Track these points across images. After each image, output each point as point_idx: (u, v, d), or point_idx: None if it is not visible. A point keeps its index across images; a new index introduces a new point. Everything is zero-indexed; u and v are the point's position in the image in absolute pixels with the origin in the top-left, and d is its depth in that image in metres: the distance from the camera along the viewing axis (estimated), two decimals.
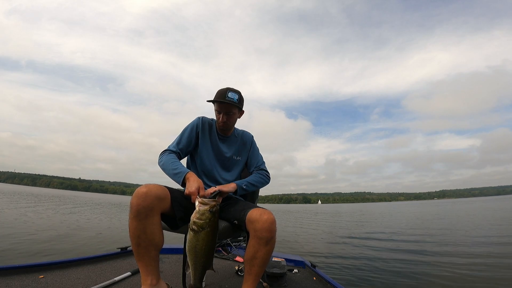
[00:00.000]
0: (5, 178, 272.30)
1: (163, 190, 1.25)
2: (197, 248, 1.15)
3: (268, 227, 1.22)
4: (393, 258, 4.67)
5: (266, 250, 1.25)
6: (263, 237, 1.23)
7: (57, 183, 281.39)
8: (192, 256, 1.18)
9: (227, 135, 1.75)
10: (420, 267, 3.97)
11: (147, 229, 1.18)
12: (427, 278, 3.44)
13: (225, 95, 1.56)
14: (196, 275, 1.20)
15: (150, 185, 1.22)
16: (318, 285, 1.95)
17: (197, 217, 1.15)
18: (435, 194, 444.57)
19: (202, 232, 1.15)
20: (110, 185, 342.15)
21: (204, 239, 1.16)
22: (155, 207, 1.19)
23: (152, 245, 1.22)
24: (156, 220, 1.21)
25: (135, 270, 1.95)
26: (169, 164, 1.45)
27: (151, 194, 1.18)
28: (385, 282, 3.36)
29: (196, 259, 1.17)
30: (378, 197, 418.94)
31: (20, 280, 1.57)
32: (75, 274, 1.81)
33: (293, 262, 2.54)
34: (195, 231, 1.15)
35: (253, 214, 1.27)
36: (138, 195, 1.17)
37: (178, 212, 1.30)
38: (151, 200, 1.18)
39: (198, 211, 1.16)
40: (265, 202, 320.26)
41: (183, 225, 1.34)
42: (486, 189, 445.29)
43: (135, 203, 1.16)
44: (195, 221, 1.15)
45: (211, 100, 1.59)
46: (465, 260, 4.33)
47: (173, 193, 1.29)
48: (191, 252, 1.17)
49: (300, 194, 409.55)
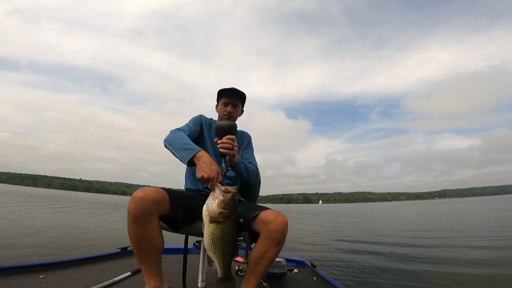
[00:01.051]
0: (6, 179, 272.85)
1: (161, 193, 1.21)
2: (223, 238, 1.13)
3: (282, 228, 1.25)
4: (394, 258, 4.66)
5: (276, 251, 1.27)
6: (276, 238, 1.25)
7: (57, 183, 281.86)
8: (219, 248, 1.14)
9: None
10: (421, 267, 3.96)
11: (147, 233, 1.17)
12: (428, 279, 3.43)
13: (234, 89, 1.67)
14: (225, 265, 1.18)
15: (147, 189, 1.19)
16: (318, 285, 1.95)
17: (222, 207, 1.11)
18: (436, 194, 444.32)
19: (227, 221, 1.13)
20: (111, 185, 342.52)
21: (231, 227, 1.14)
22: (153, 211, 1.17)
23: (153, 248, 1.21)
24: (155, 224, 1.20)
25: (135, 270, 1.96)
26: (180, 139, 1.36)
27: (148, 198, 1.16)
28: (385, 282, 3.35)
29: (224, 249, 1.15)
30: (378, 197, 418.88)
31: (20, 280, 1.57)
32: (75, 274, 1.81)
33: (293, 262, 2.54)
34: (220, 222, 1.12)
35: (268, 216, 1.28)
36: (135, 200, 1.15)
37: (179, 214, 1.28)
38: (148, 204, 1.15)
39: (222, 200, 1.12)
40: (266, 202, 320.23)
41: (185, 226, 1.34)
42: (486, 188, 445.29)
43: (132, 208, 1.14)
44: (221, 211, 1.11)
45: (223, 89, 1.68)
46: (466, 261, 4.31)
47: (171, 195, 1.26)
48: (218, 243, 1.13)
49: (301, 194, 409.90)
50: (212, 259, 1.17)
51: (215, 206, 1.12)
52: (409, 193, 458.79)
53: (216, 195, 1.14)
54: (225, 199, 1.12)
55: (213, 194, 1.15)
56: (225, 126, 1.35)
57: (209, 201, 1.15)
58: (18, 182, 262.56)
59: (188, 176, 1.69)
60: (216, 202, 1.12)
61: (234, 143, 1.35)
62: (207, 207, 1.14)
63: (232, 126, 1.36)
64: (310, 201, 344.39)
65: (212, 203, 1.13)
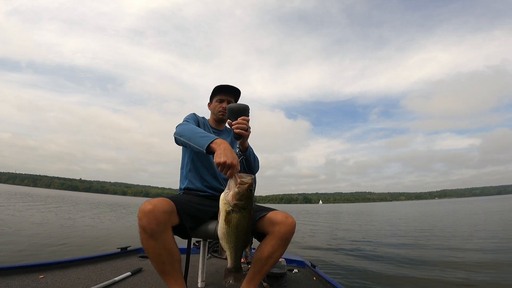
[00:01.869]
0: (6, 179, 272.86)
1: (168, 202, 1.20)
2: (238, 228, 1.12)
3: (291, 230, 1.29)
4: (394, 258, 4.66)
5: (283, 251, 1.31)
6: (285, 239, 1.28)
7: (57, 183, 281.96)
8: (232, 238, 1.13)
9: (220, 128, 1.78)
10: (422, 268, 3.96)
11: (166, 245, 1.16)
12: (428, 279, 3.43)
13: (231, 86, 1.67)
14: (237, 256, 1.18)
15: (154, 201, 1.17)
16: (318, 285, 1.95)
17: (237, 198, 1.09)
18: (436, 194, 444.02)
19: (243, 212, 1.11)
20: (111, 185, 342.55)
21: (246, 218, 1.12)
22: (166, 222, 1.17)
23: (176, 259, 1.21)
24: (171, 234, 1.20)
25: (135, 270, 1.96)
26: (193, 129, 1.34)
27: (159, 210, 1.14)
28: (385, 282, 3.35)
29: (237, 240, 1.13)
30: (379, 197, 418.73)
31: (20, 280, 1.57)
32: (75, 274, 1.81)
33: (293, 262, 2.54)
34: (236, 212, 1.10)
35: (277, 217, 1.31)
36: (146, 213, 1.12)
37: (188, 223, 1.29)
38: (161, 215, 1.14)
39: (238, 192, 1.09)
40: (266, 202, 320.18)
41: (193, 232, 1.36)
42: (487, 188, 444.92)
43: (146, 223, 1.11)
44: (236, 203, 1.09)
45: (220, 86, 1.67)
46: (468, 262, 4.31)
47: (177, 204, 1.25)
48: (232, 233, 1.12)
49: (301, 194, 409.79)
50: (224, 248, 1.16)
51: (230, 197, 1.10)
52: (409, 193, 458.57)
53: (232, 185, 1.11)
54: (241, 191, 1.09)
55: (230, 183, 1.13)
56: (238, 108, 1.32)
57: (226, 190, 1.12)
58: (18, 182, 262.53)
59: (185, 175, 1.67)
60: (231, 193, 1.10)
61: (248, 124, 1.34)
62: (225, 195, 1.12)
63: (245, 108, 1.33)
64: (310, 201, 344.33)
65: (228, 193, 1.11)
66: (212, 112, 1.77)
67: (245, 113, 1.32)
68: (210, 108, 1.77)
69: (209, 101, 1.79)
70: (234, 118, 1.31)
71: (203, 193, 1.59)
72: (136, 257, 2.47)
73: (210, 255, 2.65)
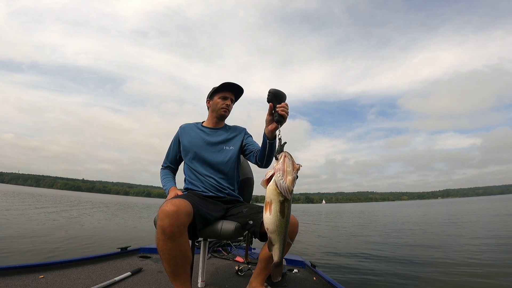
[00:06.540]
0: (9, 179, 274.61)
1: (188, 204, 1.20)
2: (288, 218, 1.04)
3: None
4: (395, 259, 4.63)
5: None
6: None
7: (60, 184, 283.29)
8: (282, 230, 1.02)
9: (219, 126, 1.78)
10: (422, 269, 3.93)
11: (182, 248, 1.15)
12: (429, 280, 3.41)
13: (237, 84, 1.70)
14: (283, 249, 1.07)
15: (176, 201, 1.16)
16: (318, 285, 1.94)
17: (294, 185, 0.99)
18: (439, 194, 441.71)
19: (290, 201, 1.03)
20: (113, 185, 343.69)
21: (290, 205, 1.04)
22: (186, 224, 1.16)
23: (188, 261, 1.21)
24: (187, 236, 1.19)
25: (135, 270, 1.96)
26: (161, 181, 1.74)
27: (182, 212, 1.13)
28: (385, 282, 3.33)
29: (286, 231, 1.05)
30: (381, 196, 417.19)
31: (20, 280, 1.57)
32: (75, 274, 1.81)
33: (293, 262, 2.53)
34: (288, 201, 1.01)
35: None
36: (168, 215, 1.10)
37: (199, 224, 1.29)
38: (183, 217, 1.13)
39: (295, 178, 0.99)
40: None
41: (200, 233, 1.37)
42: (490, 188, 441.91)
43: (168, 224, 1.09)
44: (292, 190, 0.99)
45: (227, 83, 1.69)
46: (469, 263, 4.28)
47: (194, 206, 1.25)
48: (285, 224, 1.02)
49: (303, 194, 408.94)
50: (274, 242, 1.04)
51: (289, 183, 0.96)
52: (412, 193, 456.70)
53: (289, 170, 0.97)
54: (296, 176, 0.99)
55: (282, 168, 0.98)
56: (282, 93, 1.30)
57: (279, 177, 0.97)
58: (21, 182, 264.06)
59: (187, 175, 1.71)
60: (289, 178, 0.96)
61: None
62: (279, 184, 0.97)
63: (285, 95, 1.31)
64: (312, 201, 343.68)
65: (284, 179, 0.96)
66: (212, 109, 1.76)
67: (285, 99, 1.31)
68: (210, 104, 1.76)
69: (209, 98, 1.77)
70: (277, 101, 1.29)
71: (204, 194, 1.60)
72: (136, 257, 2.47)
73: (210, 255, 2.65)
